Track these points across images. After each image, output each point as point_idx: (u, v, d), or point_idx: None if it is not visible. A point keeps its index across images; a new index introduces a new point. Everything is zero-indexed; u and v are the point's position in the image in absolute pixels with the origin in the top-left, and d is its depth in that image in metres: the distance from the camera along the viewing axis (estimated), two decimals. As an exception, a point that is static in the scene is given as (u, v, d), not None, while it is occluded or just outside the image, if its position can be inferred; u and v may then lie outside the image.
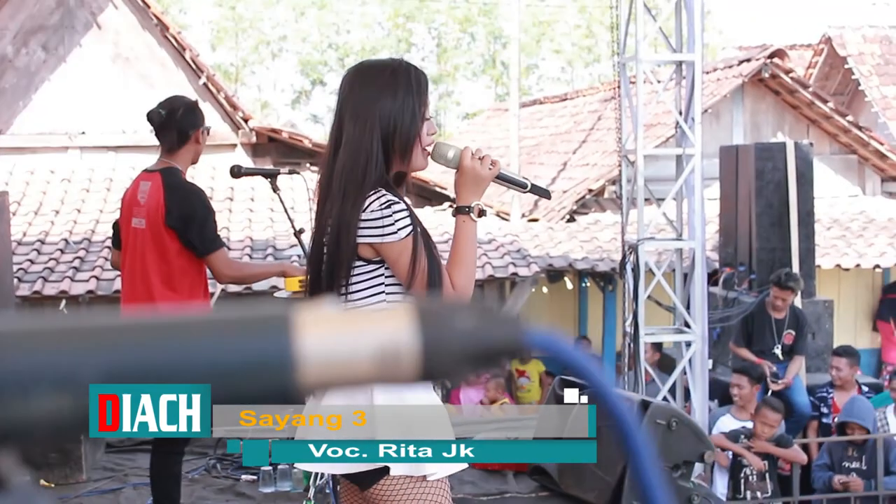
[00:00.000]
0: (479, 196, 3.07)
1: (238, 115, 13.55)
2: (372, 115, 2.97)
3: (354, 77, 3.07)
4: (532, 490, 6.38)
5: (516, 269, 11.03)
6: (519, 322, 0.83)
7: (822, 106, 14.93)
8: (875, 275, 14.57)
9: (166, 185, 5.00)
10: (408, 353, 0.79)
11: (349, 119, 2.99)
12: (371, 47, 43.85)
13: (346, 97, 3.04)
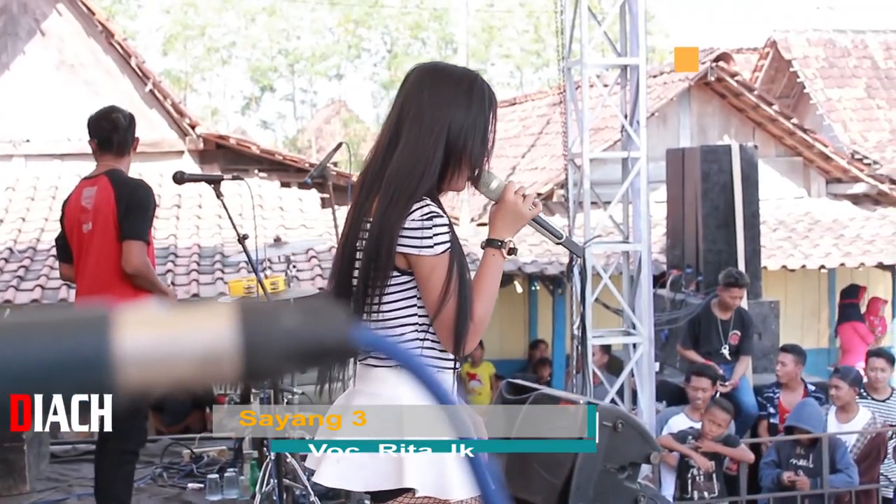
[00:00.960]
0: (514, 233, 2.97)
1: (185, 122, 13.48)
2: (440, 123, 2.83)
3: (425, 77, 2.92)
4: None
5: (465, 274, 11.03)
6: (346, 321, 0.83)
7: (768, 109, 15.07)
8: (821, 275, 14.72)
9: (115, 183, 5.03)
10: (229, 353, 0.78)
11: (412, 121, 2.84)
12: (321, 53, 43.79)
13: (412, 96, 2.87)
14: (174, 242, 11.53)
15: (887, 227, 14.55)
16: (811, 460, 8.15)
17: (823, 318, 15.08)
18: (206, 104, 44.61)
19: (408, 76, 2.96)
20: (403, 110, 2.87)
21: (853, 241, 13.98)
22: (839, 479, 8.13)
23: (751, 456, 8.19)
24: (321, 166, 6.00)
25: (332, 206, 6.02)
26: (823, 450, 8.05)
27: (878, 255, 13.63)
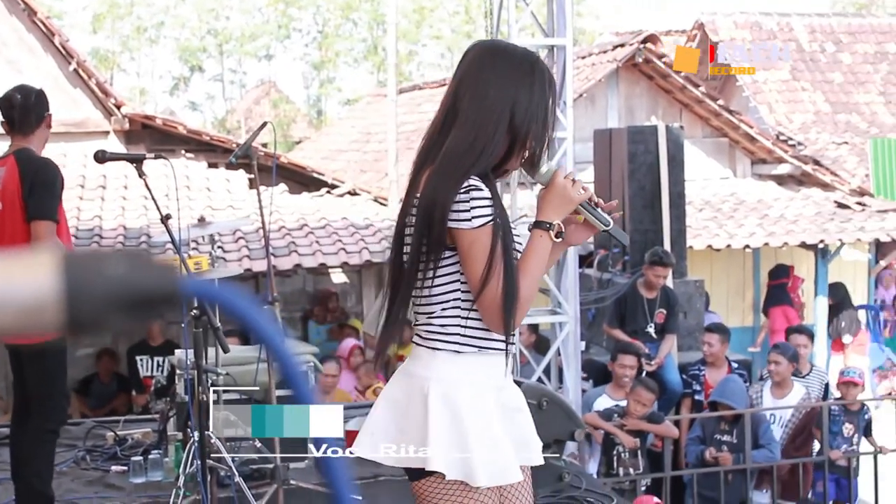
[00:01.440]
0: (561, 217, 2.91)
1: (110, 102, 13.30)
2: (503, 103, 2.81)
3: (486, 56, 2.89)
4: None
5: (393, 254, 11.03)
6: (173, 270, 0.82)
7: (694, 90, 15.21)
8: (746, 255, 14.91)
9: (20, 162, 5.00)
10: (51, 301, 0.76)
11: (473, 99, 2.81)
12: (251, 33, 43.45)
13: (472, 74, 2.84)
14: (99, 224, 11.40)
15: (811, 208, 14.76)
16: (735, 436, 8.28)
17: (748, 297, 15.29)
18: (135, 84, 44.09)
19: (467, 53, 2.94)
20: (462, 87, 2.85)
21: (777, 222, 14.17)
22: (761, 455, 8.28)
23: (675, 432, 8.31)
24: (245, 146, 5.95)
25: (257, 187, 5.97)
26: (747, 426, 8.17)
27: (801, 234, 13.82)
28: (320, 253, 10.99)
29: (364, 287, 12.76)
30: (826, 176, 15.81)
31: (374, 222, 12.05)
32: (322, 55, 43.74)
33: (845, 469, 8.64)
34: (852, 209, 14.75)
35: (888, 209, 14.72)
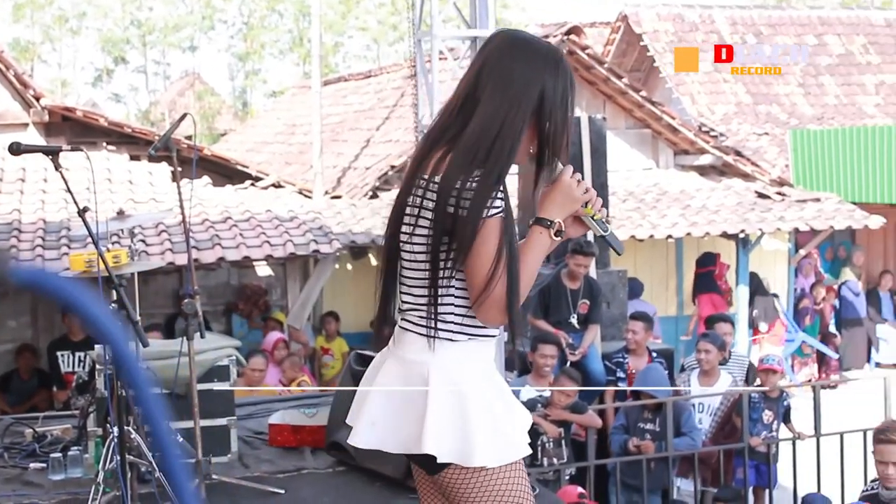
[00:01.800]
0: (563, 216, 2.90)
1: (29, 94, 13.11)
2: (528, 97, 2.76)
3: (512, 46, 2.81)
4: (329, 465, 6.39)
5: (318, 247, 11.00)
6: (4, 255, 0.82)
7: (618, 82, 15.33)
8: (668, 245, 15.09)
9: None
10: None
11: (497, 88, 2.75)
12: (175, 24, 43.01)
13: (495, 63, 2.77)
14: (18, 217, 11.23)
15: (732, 198, 14.97)
16: (657, 424, 8.36)
17: (671, 286, 15.46)
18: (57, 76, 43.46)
19: (490, 40, 2.88)
20: (484, 74, 2.78)
21: (699, 212, 14.34)
22: (683, 443, 8.37)
23: (598, 422, 8.38)
24: (165, 138, 5.89)
25: (178, 180, 5.92)
26: (669, 414, 8.26)
27: (722, 224, 14.02)
28: (244, 246, 10.92)
29: (289, 280, 12.71)
30: (747, 166, 16.03)
31: (298, 215, 12.00)
32: (247, 46, 43.44)
33: (765, 455, 8.77)
34: (772, 199, 14.98)
35: (807, 199, 14.97)
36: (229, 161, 13.87)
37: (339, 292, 13.81)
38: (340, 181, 15.11)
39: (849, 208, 14.71)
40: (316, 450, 6.60)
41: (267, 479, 6.14)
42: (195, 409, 5.79)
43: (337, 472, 6.31)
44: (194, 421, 5.79)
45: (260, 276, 13.30)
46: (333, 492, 6.01)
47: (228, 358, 6.49)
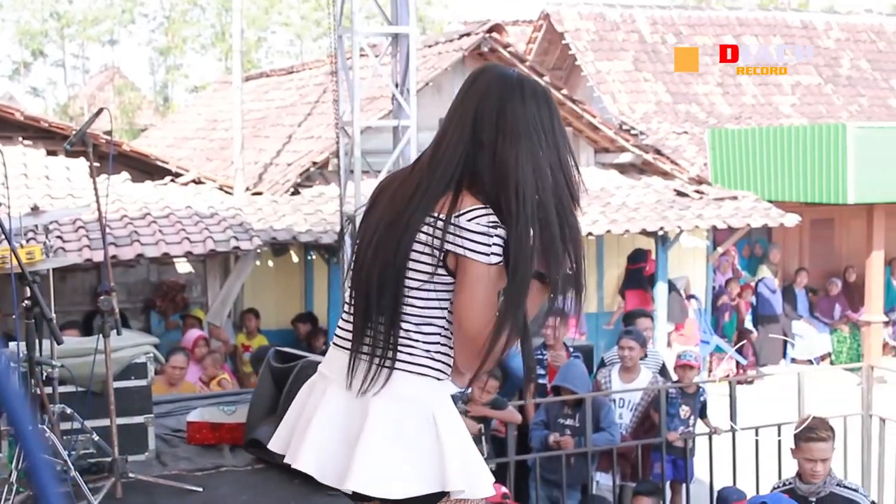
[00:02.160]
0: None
1: (-58, 87, 12.86)
2: (549, 135, 2.71)
3: (514, 90, 2.73)
4: (248, 463, 6.37)
5: (238, 243, 10.94)
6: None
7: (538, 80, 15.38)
8: (589, 242, 15.20)
9: None
10: None
11: (509, 137, 2.67)
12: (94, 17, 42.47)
13: (499, 106, 2.69)
14: (-70, 214, 11.02)
15: (651, 196, 15.13)
16: (577, 420, 8.44)
17: (591, 283, 15.58)
18: (-28, 69, 42.69)
19: (480, 78, 2.79)
20: (486, 118, 2.70)
21: (619, 209, 14.49)
22: (602, 438, 8.45)
23: (518, 418, 8.43)
24: (81, 132, 5.82)
25: (94, 175, 5.85)
26: (587, 410, 8.33)
27: (642, 222, 14.17)
28: (163, 242, 10.83)
29: (209, 277, 12.62)
30: (666, 165, 16.21)
31: (219, 211, 11.92)
32: (168, 41, 43.01)
33: (682, 450, 8.89)
34: (691, 197, 15.18)
35: (725, 197, 15.19)
36: (149, 157, 13.73)
37: (260, 289, 13.75)
38: (262, 177, 15.03)
39: (765, 206, 14.95)
40: (235, 447, 6.57)
41: (185, 477, 6.10)
42: (111, 407, 5.74)
43: (256, 469, 6.29)
44: (111, 419, 5.73)
45: (180, 272, 13.20)
46: (252, 489, 5.99)
47: (146, 355, 6.44)
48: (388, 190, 2.83)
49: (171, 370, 9.01)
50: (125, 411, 6.16)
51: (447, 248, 2.62)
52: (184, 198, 12.67)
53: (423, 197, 2.68)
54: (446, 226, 2.62)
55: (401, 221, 2.69)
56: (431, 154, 2.76)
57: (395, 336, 2.70)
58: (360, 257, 2.79)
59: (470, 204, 2.64)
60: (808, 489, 5.74)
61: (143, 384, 6.40)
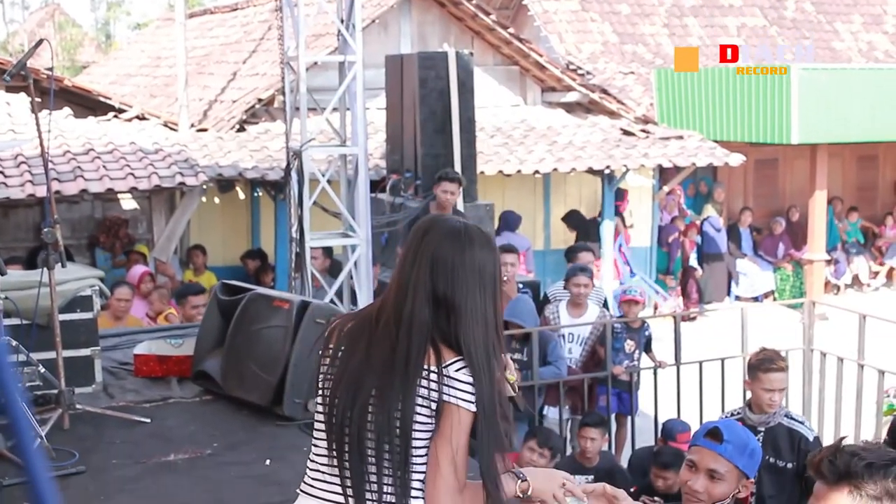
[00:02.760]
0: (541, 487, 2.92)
1: None
2: (493, 283, 2.81)
3: (476, 237, 2.83)
4: (196, 394, 6.37)
5: (184, 179, 10.85)
6: None
7: (486, 18, 15.33)
8: (536, 180, 15.25)
9: None
10: None
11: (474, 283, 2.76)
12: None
13: (460, 260, 2.77)
14: None
15: (597, 135, 15.17)
16: (525, 353, 8.49)
17: (539, 221, 15.64)
18: None
19: (430, 233, 2.83)
20: (440, 276, 2.77)
21: (566, 148, 14.51)
22: (549, 371, 8.51)
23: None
24: (20, 64, 5.72)
25: (36, 110, 5.76)
26: (534, 344, 8.38)
27: (588, 160, 14.21)
28: (107, 178, 10.72)
29: (154, 213, 12.51)
30: (612, 104, 16.23)
31: (163, 147, 11.80)
32: (109, -22, 42.27)
33: (627, 384, 8.98)
34: (637, 136, 15.23)
35: (670, 136, 15.26)
36: (91, 92, 13.55)
37: (207, 227, 13.67)
38: (206, 114, 14.88)
39: (710, 146, 15.05)
40: (182, 379, 6.56)
41: (133, 408, 6.09)
42: (57, 340, 5.70)
43: (204, 401, 6.30)
44: (56, 351, 5.70)
45: (125, 209, 13.07)
46: (200, 420, 5.99)
47: (91, 288, 6.39)
48: (349, 338, 2.84)
49: (116, 302, 8.95)
50: (71, 344, 6.12)
51: (443, 398, 2.69)
52: (127, 134, 12.53)
53: (408, 360, 2.72)
54: (440, 377, 2.69)
55: (393, 386, 2.72)
56: (396, 313, 2.78)
57: (406, 492, 2.74)
58: (341, 416, 2.79)
59: (450, 356, 2.71)
60: (758, 419, 5.81)
61: (88, 317, 6.37)
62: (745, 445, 3.59)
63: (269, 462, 5.35)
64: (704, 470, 3.51)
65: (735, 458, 3.53)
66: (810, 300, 10.28)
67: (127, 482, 5.10)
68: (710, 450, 3.53)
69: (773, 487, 5.80)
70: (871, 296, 17.33)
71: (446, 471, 2.69)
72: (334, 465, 2.78)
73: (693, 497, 3.52)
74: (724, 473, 3.51)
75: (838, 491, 2.90)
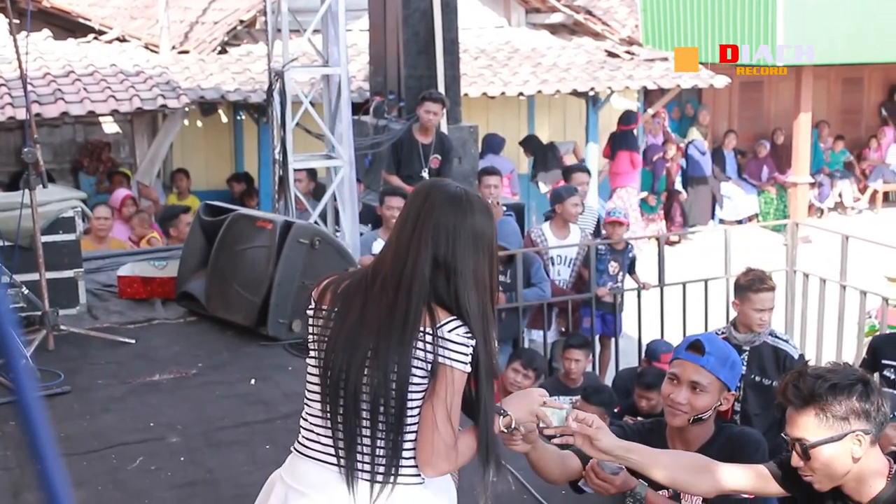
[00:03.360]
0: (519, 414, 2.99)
1: None
2: (491, 249, 2.84)
3: (476, 204, 2.84)
4: (180, 316, 6.39)
5: (166, 101, 10.75)
6: None
7: (470, -63, 15.16)
8: (520, 102, 15.17)
9: None
10: None
11: (475, 249, 2.79)
12: None
13: (461, 225, 2.79)
14: None
15: (582, 56, 15.07)
16: (509, 276, 8.50)
17: (522, 144, 15.58)
18: None
19: (430, 197, 2.84)
20: (441, 239, 2.78)
21: (550, 70, 14.42)
22: (533, 293, 8.54)
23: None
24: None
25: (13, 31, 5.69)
26: (518, 266, 8.40)
27: (572, 82, 14.14)
28: (88, 100, 10.62)
29: (136, 137, 12.42)
30: (597, 25, 16.12)
31: (144, 69, 11.69)
32: None
33: (611, 305, 9.02)
34: (622, 58, 15.14)
35: (655, 58, 15.17)
36: (70, 13, 13.39)
37: (189, 150, 13.59)
38: (188, 36, 14.71)
39: (695, 67, 14.97)
40: (166, 301, 6.57)
41: (117, 329, 6.11)
42: (40, 261, 5.70)
43: (188, 322, 6.31)
44: (40, 273, 5.69)
45: (107, 132, 12.97)
46: (184, 341, 6.01)
47: (73, 210, 6.37)
48: (343, 298, 2.83)
49: (95, 222, 8.91)
50: (54, 265, 6.11)
51: (438, 359, 2.71)
52: (108, 56, 12.40)
53: (406, 320, 2.74)
54: (435, 339, 2.71)
55: (390, 346, 2.74)
56: (394, 274, 2.79)
57: (399, 452, 2.77)
58: (336, 376, 2.79)
59: (444, 317, 2.73)
60: (744, 339, 5.84)
61: (71, 238, 6.35)
62: (726, 357, 3.61)
63: (254, 381, 5.37)
64: (687, 382, 3.53)
65: (717, 370, 3.55)
66: (794, 221, 10.30)
67: (112, 402, 5.12)
68: (692, 362, 3.55)
69: (759, 405, 5.86)
70: (854, 219, 17.36)
71: (443, 429, 2.73)
72: (328, 427, 2.79)
73: (676, 409, 3.54)
74: (706, 385, 3.53)
75: (805, 414, 2.93)
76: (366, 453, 2.77)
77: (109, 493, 4.10)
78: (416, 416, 2.76)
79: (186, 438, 4.66)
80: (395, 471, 2.76)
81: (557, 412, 3.01)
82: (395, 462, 2.76)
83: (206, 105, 12.69)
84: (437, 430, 2.73)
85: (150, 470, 4.33)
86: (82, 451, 4.43)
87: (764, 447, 3.68)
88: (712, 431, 3.65)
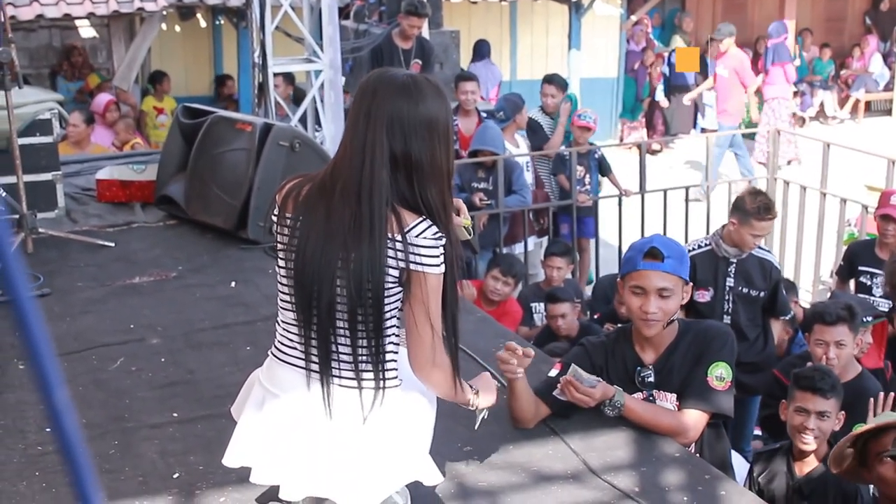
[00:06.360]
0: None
1: None
2: (447, 133, 2.76)
3: (426, 89, 2.73)
4: (160, 219, 6.36)
5: (143, 5, 10.61)
6: None
7: None
8: (502, 7, 15.02)
9: None
10: None
11: (431, 137, 2.70)
12: None
13: (415, 115, 2.69)
14: None
15: (565, -38, 14.92)
16: (491, 182, 8.48)
17: (505, 51, 15.45)
18: None
19: (378, 91, 2.71)
20: (396, 133, 2.68)
21: (533, -25, 14.29)
22: (513, 200, 8.53)
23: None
24: None
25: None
26: (500, 172, 8.37)
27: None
28: (64, 3, 10.47)
29: (113, 41, 12.26)
30: (581, -70, 15.92)
31: (121, -29, 11.51)
32: None
33: (588, 209, 9.04)
34: (605, -37, 14.99)
35: (639, -37, 15.03)
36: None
37: (168, 56, 13.44)
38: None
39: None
40: (146, 205, 6.54)
41: (96, 233, 6.08)
42: (17, 163, 5.65)
43: (168, 225, 6.29)
44: (17, 175, 5.65)
45: (84, 37, 12.81)
46: (164, 244, 5.99)
47: (50, 112, 6.30)
48: (304, 206, 2.76)
49: (71, 128, 8.85)
50: (32, 168, 6.07)
51: (410, 266, 2.67)
52: (83, -42, 12.19)
53: (372, 226, 2.67)
54: (405, 245, 2.66)
55: (361, 254, 2.68)
56: (353, 180, 2.70)
57: (382, 359, 2.76)
58: (308, 288, 2.74)
59: (411, 219, 2.67)
60: (733, 252, 5.83)
61: (48, 141, 6.30)
62: (681, 254, 3.65)
63: (235, 284, 5.37)
64: (654, 291, 3.55)
65: (678, 270, 3.58)
66: (775, 129, 10.27)
67: (92, 304, 5.11)
68: (654, 270, 3.56)
69: (747, 316, 5.90)
70: (836, 128, 17.35)
71: (424, 331, 2.73)
72: (302, 335, 2.78)
73: (650, 319, 3.56)
74: (672, 288, 3.56)
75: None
76: (346, 361, 2.76)
77: (91, 393, 4.11)
78: (393, 318, 2.76)
79: (167, 340, 4.67)
80: (382, 376, 2.77)
81: (587, 378, 3.28)
82: (379, 368, 2.76)
83: (185, 9, 12.53)
84: (419, 332, 2.74)
85: (131, 371, 4.34)
86: (63, 353, 4.43)
87: (732, 339, 3.73)
88: (677, 329, 3.70)
